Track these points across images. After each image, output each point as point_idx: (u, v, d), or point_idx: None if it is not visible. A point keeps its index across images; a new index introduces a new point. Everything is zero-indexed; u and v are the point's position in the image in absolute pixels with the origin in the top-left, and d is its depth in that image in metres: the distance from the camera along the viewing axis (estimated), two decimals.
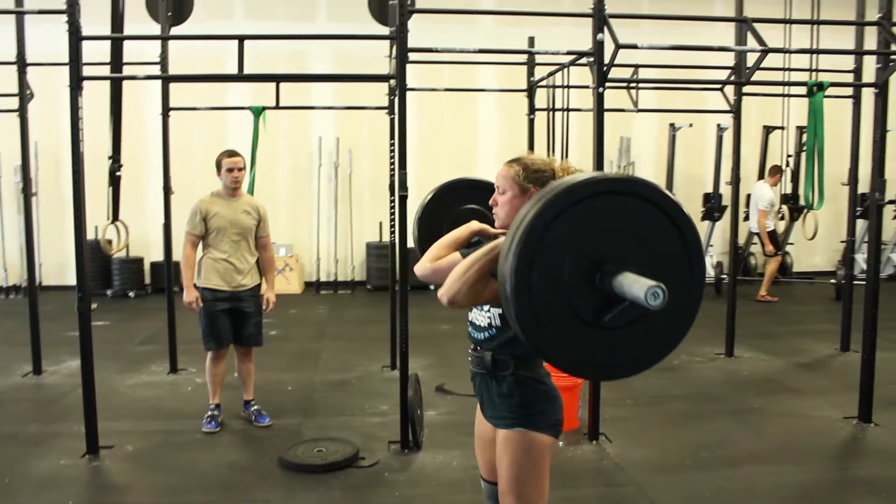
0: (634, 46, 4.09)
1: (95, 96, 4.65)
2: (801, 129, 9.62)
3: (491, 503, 2.49)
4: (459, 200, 3.05)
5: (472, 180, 3.21)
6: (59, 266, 9.78)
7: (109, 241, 5.56)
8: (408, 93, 4.07)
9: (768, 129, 9.87)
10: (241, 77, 4.11)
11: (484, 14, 10.27)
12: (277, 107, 5.69)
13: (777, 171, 9.11)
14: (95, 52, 4.49)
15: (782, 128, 9.73)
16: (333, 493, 3.70)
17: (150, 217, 9.51)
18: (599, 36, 4.14)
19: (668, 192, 1.88)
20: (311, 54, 9.83)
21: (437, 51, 4.28)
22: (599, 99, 4.23)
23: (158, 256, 9.75)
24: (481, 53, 5.02)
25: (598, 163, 4.27)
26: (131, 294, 9.50)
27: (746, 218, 9.42)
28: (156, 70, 5.53)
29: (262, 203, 4.72)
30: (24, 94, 5.32)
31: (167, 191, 5.70)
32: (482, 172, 10.38)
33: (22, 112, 5.32)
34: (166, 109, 5.66)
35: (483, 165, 10.13)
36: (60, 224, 9.64)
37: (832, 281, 9.65)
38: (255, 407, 4.75)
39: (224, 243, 4.49)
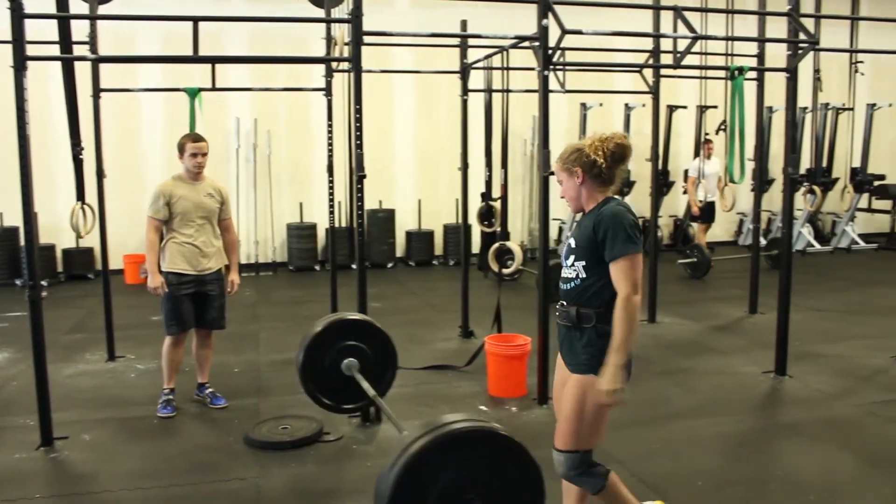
0: (580, 32, 4.32)
1: None
2: (701, 108, 10.24)
3: None
4: (337, 339, 3.82)
5: (344, 320, 3.96)
6: None
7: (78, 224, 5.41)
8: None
9: (671, 108, 10.46)
10: (195, 59, 4.10)
11: None
12: (213, 88, 5.62)
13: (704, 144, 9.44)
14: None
15: (684, 107, 10.39)
16: (308, 467, 3.80)
17: (59, 201, 9.13)
18: (544, 21, 4.35)
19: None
20: (227, 33, 9.61)
21: (391, 34, 4.37)
22: (545, 81, 4.45)
23: (70, 243, 9.37)
24: (421, 37, 5.13)
25: (544, 141, 4.48)
26: (44, 283, 9.09)
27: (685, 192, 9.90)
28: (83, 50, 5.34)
29: (223, 185, 4.71)
30: None
31: (100, 175, 5.55)
32: (400, 148, 10.42)
33: None
34: (97, 91, 5.49)
35: (401, 140, 10.25)
36: None
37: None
38: (210, 389, 4.76)
39: (189, 227, 4.46)
